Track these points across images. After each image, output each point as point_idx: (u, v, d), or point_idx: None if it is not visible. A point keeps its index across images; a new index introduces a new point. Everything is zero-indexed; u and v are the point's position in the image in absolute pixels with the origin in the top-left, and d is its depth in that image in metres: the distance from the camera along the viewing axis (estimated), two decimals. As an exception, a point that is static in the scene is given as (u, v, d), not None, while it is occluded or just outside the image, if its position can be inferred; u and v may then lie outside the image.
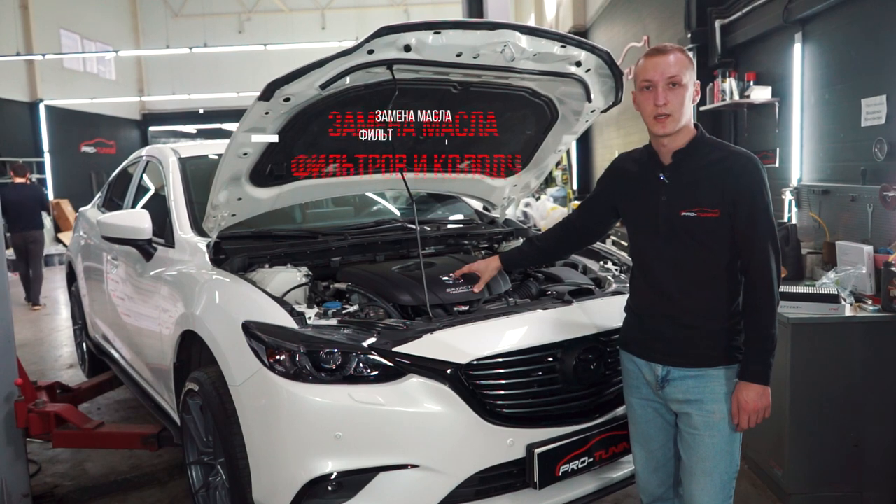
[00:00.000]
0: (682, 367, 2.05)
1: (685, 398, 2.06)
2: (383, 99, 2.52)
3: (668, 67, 1.97)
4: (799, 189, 4.65)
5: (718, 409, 2.03)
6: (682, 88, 1.97)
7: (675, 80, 1.97)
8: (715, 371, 2.03)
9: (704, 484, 2.06)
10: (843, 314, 3.01)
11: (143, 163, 4.08)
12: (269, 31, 20.94)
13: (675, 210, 2.02)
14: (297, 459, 2.15)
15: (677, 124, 2.00)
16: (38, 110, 16.34)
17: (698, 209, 1.98)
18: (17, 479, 3.18)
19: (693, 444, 2.07)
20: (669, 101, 1.97)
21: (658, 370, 2.10)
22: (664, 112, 1.98)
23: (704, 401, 2.04)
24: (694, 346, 2.04)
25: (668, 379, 2.08)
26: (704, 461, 2.06)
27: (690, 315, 2.05)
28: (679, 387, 2.07)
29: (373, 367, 2.19)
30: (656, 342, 2.11)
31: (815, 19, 4.69)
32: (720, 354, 2.04)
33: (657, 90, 1.98)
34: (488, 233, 3.54)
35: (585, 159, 13.12)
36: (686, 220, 2.00)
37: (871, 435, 3.03)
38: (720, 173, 1.97)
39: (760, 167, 1.99)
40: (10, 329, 3.18)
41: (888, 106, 3.82)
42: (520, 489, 2.30)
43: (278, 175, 2.79)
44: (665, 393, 2.10)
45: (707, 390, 2.04)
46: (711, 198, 1.97)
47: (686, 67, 1.99)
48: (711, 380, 2.03)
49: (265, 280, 2.65)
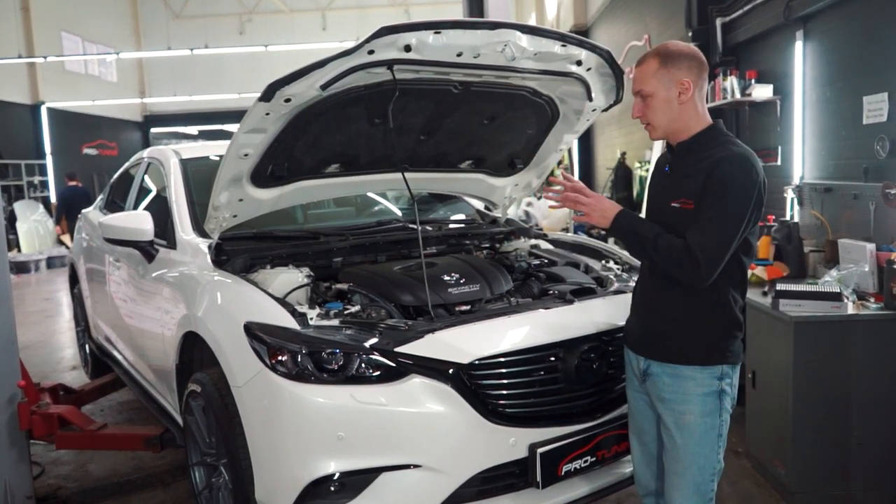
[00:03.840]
0: (660, 362, 2.09)
1: (660, 396, 2.10)
2: (384, 99, 2.52)
3: (636, 81, 2.07)
4: (801, 187, 4.64)
5: (689, 411, 2.04)
6: (650, 98, 2.04)
7: (641, 93, 2.06)
8: (689, 370, 2.04)
9: (678, 484, 2.08)
10: (846, 312, 3.00)
11: (145, 164, 4.09)
12: (269, 31, 20.95)
13: (667, 200, 2.06)
14: (299, 460, 2.15)
15: (659, 131, 2.08)
16: (39, 113, 16.38)
17: (682, 201, 2.01)
18: (20, 480, 3.18)
19: (667, 443, 2.11)
20: (643, 113, 2.07)
21: (641, 363, 2.16)
22: (643, 123, 2.09)
23: (676, 401, 2.06)
24: (668, 340, 2.07)
25: (648, 373, 2.13)
26: (676, 462, 2.08)
27: (666, 308, 2.08)
28: (656, 383, 2.10)
29: (375, 368, 2.19)
30: (640, 334, 2.18)
31: (817, 17, 4.69)
32: (694, 352, 2.04)
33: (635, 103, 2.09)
34: (490, 232, 3.53)
35: (587, 158, 13.12)
36: (671, 211, 2.03)
37: (874, 433, 3.02)
38: (703, 168, 1.97)
39: (743, 166, 1.93)
40: (13, 331, 3.18)
41: (890, 103, 3.81)
42: (522, 489, 2.30)
43: (279, 176, 2.79)
44: (646, 387, 2.16)
45: (680, 391, 2.05)
46: (691, 191, 1.99)
47: (650, 76, 2.02)
48: (685, 380, 2.04)
49: (267, 281, 2.65)
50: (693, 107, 2.04)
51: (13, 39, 15.11)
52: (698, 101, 2.05)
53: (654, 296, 2.13)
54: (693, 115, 2.04)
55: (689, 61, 2.01)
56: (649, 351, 2.13)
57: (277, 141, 2.56)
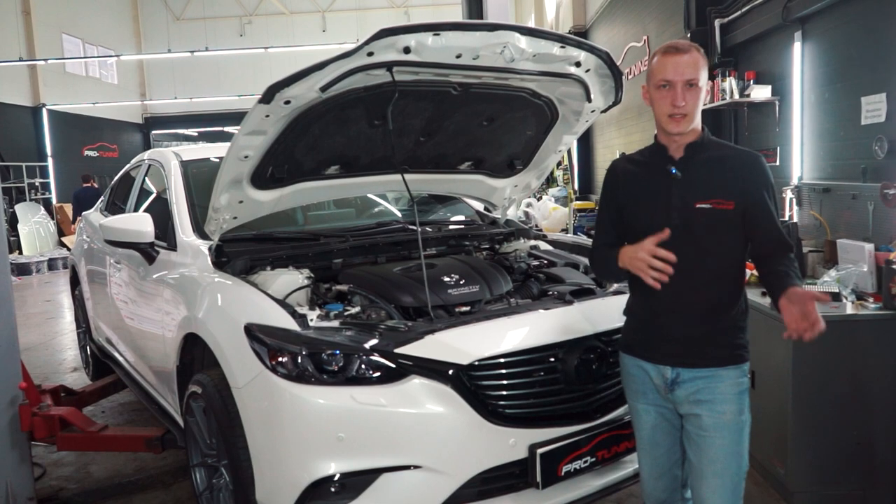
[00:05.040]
0: (693, 368, 2.03)
1: (695, 399, 2.04)
2: (383, 101, 2.53)
3: (687, 69, 1.96)
4: (799, 187, 4.65)
5: (728, 410, 2.02)
6: (698, 89, 1.98)
7: (692, 82, 1.96)
8: (724, 371, 2.03)
9: (716, 486, 2.03)
10: (845, 312, 3.01)
11: (146, 166, 4.10)
12: (270, 33, 20.97)
13: (690, 202, 2.00)
14: (300, 461, 2.16)
15: (691, 124, 2.01)
16: (40, 115, 16.41)
17: (714, 201, 1.98)
18: (22, 482, 3.19)
19: (703, 445, 2.04)
20: (687, 102, 1.97)
21: (667, 372, 2.06)
22: (681, 112, 1.97)
23: (715, 401, 2.02)
24: (704, 346, 2.03)
25: (677, 381, 2.05)
26: (715, 463, 2.03)
27: (700, 313, 2.03)
28: (689, 388, 2.04)
29: (375, 369, 2.20)
30: (665, 344, 2.07)
31: (815, 18, 4.70)
32: (728, 354, 2.03)
33: (676, 90, 1.96)
34: (489, 233, 3.54)
35: (586, 159, 13.12)
36: (701, 212, 1.98)
37: (874, 433, 3.02)
38: (734, 168, 2.00)
39: (767, 165, 2.05)
40: (14, 333, 3.19)
41: (888, 104, 3.82)
42: (522, 489, 2.30)
43: (279, 177, 2.80)
44: (674, 396, 2.07)
45: (717, 391, 2.02)
46: (726, 190, 1.98)
47: (702, 68, 1.99)
48: (721, 380, 2.02)
49: (267, 282, 2.65)
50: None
51: (14, 42, 15.13)
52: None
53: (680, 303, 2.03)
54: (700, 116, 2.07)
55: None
56: (679, 359, 2.05)
57: (277, 143, 2.57)
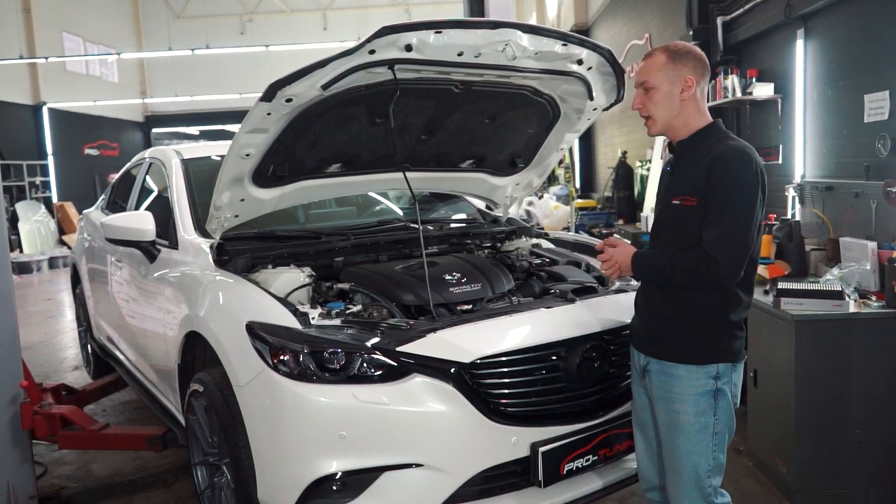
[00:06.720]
0: (656, 359, 2.12)
1: (657, 394, 2.12)
2: (385, 99, 2.52)
3: (642, 73, 2.08)
4: (802, 186, 4.63)
5: (683, 410, 2.05)
6: (653, 91, 2.06)
7: (644, 85, 2.07)
8: (684, 369, 2.05)
9: (675, 481, 2.12)
10: (848, 311, 3.00)
11: (147, 164, 4.09)
12: (270, 32, 20.93)
13: (669, 199, 2.09)
14: (301, 459, 2.16)
15: (658, 125, 2.10)
16: (41, 113, 16.38)
17: (682, 198, 2.03)
18: (23, 480, 3.19)
19: (664, 441, 2.14)
20: (643, 105, 2.08)
21: (640, 359, 2.19)
22: (643, 115, 2.10)
23: (672, 400, 2.08)
24: (663, 337, 2.10)
25: (647, 369, 2.16)
26: (672, 459, 2.11)
27: (661, 306, 2.11)
28: (653, 381, 2.14)
29: (376, 367, 2.20)
30: (641, 331, 2.20)
31: (817, 15, 4.68)
32: (689, 351, 2.05)
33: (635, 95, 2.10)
34: (491, 232, 3.54)
35: (588, 157, 13.10)
36: (673, 209, 2.06)
37: (876, 432, 3.02)
38: (706, 165, 1.99)
39: (741, 161, 1.96)
40: (16, 331, 3.19)
41: (891, 102, 3.80)
42: (524, 488, 2.31)
43: (281, 175, 2.80)
44: (646, 383, 2.18)
45: (674, 390, 2.07)
46: (694, 187, 2.00)
47: (657, 68, 2.04)
48: (679, 379, 2.06)
49: (268, 281, 2.65)
50: (694, 105, 2.07)
51: (14, 40, 15.11)
52: (700, 100, 2.09)
53: (652, 294, 2.16)
54: (694, 113, 2.08)
55: (695, 61, 2.07)
56: (648, 348, 2.16)
57: (279, 141, 2.57)
